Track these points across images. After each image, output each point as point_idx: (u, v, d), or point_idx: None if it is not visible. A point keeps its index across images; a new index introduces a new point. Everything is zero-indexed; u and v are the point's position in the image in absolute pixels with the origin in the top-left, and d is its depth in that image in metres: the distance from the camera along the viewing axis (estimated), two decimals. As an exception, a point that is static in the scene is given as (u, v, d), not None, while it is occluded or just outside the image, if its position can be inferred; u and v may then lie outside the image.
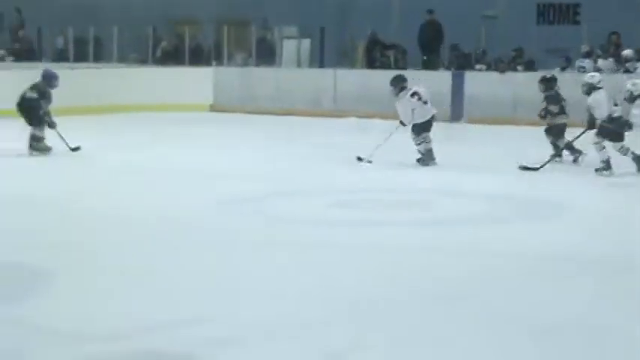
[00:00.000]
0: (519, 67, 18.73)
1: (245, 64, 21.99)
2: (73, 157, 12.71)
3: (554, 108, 12.39)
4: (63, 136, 12.73)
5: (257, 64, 21.57)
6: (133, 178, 11.17)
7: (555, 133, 12.38)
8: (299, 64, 21.63)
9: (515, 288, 6.46)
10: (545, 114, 12.44)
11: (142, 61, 22.69)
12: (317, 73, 20.51)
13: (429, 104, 12.23)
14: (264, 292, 6.30)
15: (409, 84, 12.35)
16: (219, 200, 9.70)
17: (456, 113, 18.21)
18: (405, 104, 12.20)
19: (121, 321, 5.64)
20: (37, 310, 5.85)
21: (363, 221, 8.73)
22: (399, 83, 12.36)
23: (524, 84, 16.19)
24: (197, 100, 20.33)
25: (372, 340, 5.34)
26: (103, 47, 23.18)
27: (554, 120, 12.38)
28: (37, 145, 12.77)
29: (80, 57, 22.48)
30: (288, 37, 22.09)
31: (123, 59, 22.51)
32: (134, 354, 5.15)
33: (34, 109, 12.76)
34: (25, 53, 23.22)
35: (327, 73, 20.14)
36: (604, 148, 11.34)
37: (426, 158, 12.17)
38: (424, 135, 12.17)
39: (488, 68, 18.98)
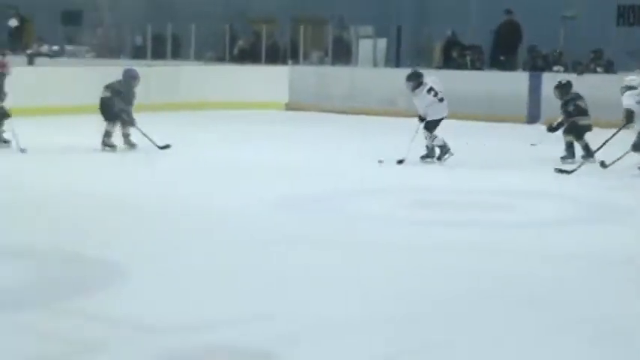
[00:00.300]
0: (598, 69, 18.48)
1: (321, 62, 22.03)
2: (157, 154, 12.82)
3: (573, 109, 12.58)
4: (147, 134, 12.84)
5: (333, 63, 21.60)
6: (209, 176, 11.25)
7: (576, 133, 12.49)
8: (375, 64, 21.61)
9: (600, 290, 6.38)
10: (566, 116, 12.56)
11: (219, 59, 22.86)
12: (392, 72, 20.42)
13: (445, 102, 12.38)
14: (344, 289, 6.30)
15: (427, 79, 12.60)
16: (295, 198, 9.75)
17: (533, 115, 18.04)
18: (421, 99, 12.35)
19: (195, 316, 5.68)
20: (115, 305, 5.92)
21: (439, 221, 8.67)
22: (415, 79, 12.51)
23: (602, 86, 15.95)
24: (273, 98, 20.41)
25: (456, 339, 5.31)
26: (181, 45, 23.38)
27: (579, 121, 12.54)
28: (107, 140, 12.96)
29: (158, 54, 22.72)
30: (364, 37, 22.08)
31: (200, 57, 22.70)
32: (206, 349, 5.18)
33: (107, 107, 12.97)
34: (104, 50, 23.55)
35: (403, 72, 19.98)
36: None
37: (431, 154, 12.35)
38: (435, 132, 12.30)
39: (566, 70, 18.75)
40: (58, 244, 7.47)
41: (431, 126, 12.28)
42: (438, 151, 12.35)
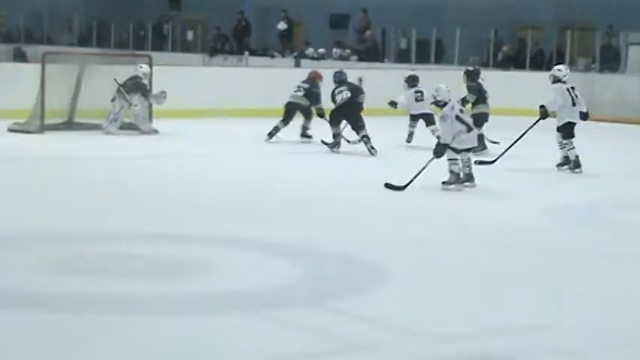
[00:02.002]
0: None
1: (587, 69, 21.45)
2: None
3: (471, 98, 13.56)
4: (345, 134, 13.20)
5: (600, 70, 20.98)
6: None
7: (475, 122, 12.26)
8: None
9: None
10: (462, 103, 12.41)
11: (483, 65, 22.69)
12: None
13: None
14: (606, 304, 6.10)
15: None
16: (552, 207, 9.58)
17: None
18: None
19: (468, 324, 5.67)
20: (382, 307, 5.97)
21: None
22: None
23: None
24: (535, 105, 20.00)
25: None
26: (445, 49, 23.38)
27: (474, 110, 13.40)
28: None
29: (422, 58, 22.80)
30: (635, 43, 21.30)
31: (463, 62, 22.60)
32: (473, 357, 5.13)
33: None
34: (368, 53, 23.86)
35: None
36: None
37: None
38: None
39: None
40: (336, 242, 7.61)
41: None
42: None
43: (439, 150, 10.09)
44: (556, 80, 12.13)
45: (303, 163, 12.48)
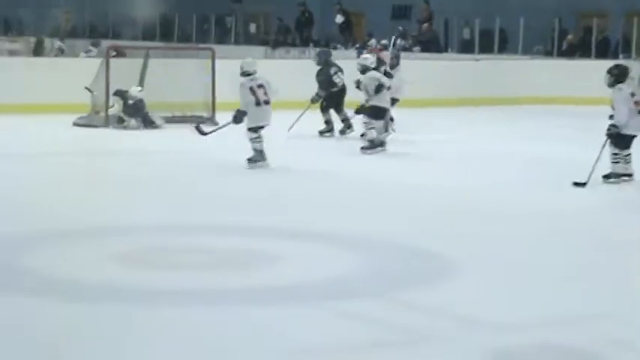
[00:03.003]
0: None
1: (655, 58, 21.12)
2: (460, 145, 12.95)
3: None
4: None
5: (667, 58, 20.66)
6: (517, 171, 11.16)
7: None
8: None
9: None
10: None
11: (547, 53, 22.49)
12: None
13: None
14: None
15: None
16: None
17: None
18: None
19: (526, 312, 5.67)
20: (444, 298, 5.97)
21: None
22: None
23: None
24: (602, 94, 19.78)
25: None
26: (508, 39, 23.18)
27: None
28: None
29: (485, 48, 22.65)
30: None
31: (527, 51, 22.41)
32: (542, 346, 5.12)
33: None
34: (430, 44, 23.74)
35: None
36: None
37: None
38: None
39: None
40: (394, 236, 7.61)
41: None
42: None
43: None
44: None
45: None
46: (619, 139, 9.95)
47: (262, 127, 10.77)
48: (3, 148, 11.81)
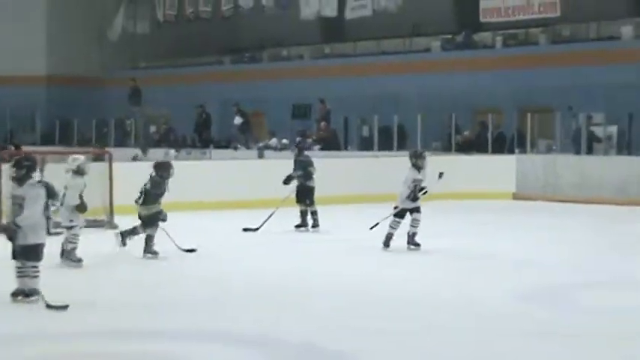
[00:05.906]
0: None
1: (549, 151, 21.61)
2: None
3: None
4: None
5: (562, 151, 21.14)
6: (446, 265, 11.22)
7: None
8: (605, 152, 20.98)
9: None
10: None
11: (445, 149, 22.83)
12: (624, 160, 19.83)
13: None
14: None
15: None
16: (527, 290, 9.54)
17: None
18: None
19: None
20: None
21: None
22: None
23: None
24: (500, 188, 20.18)
25: None
26: (407, 136, 23.50)
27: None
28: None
29: (384, 145, 22.90)
30: (595, 124, 21.51)
31: (426, 147, 22.69)
32: None
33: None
34: (328, 142, 23.92)
35: (635, 160, 19.42)
36: None
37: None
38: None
39: None
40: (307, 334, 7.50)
41: None
42: None
43: None
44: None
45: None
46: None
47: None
48: None
